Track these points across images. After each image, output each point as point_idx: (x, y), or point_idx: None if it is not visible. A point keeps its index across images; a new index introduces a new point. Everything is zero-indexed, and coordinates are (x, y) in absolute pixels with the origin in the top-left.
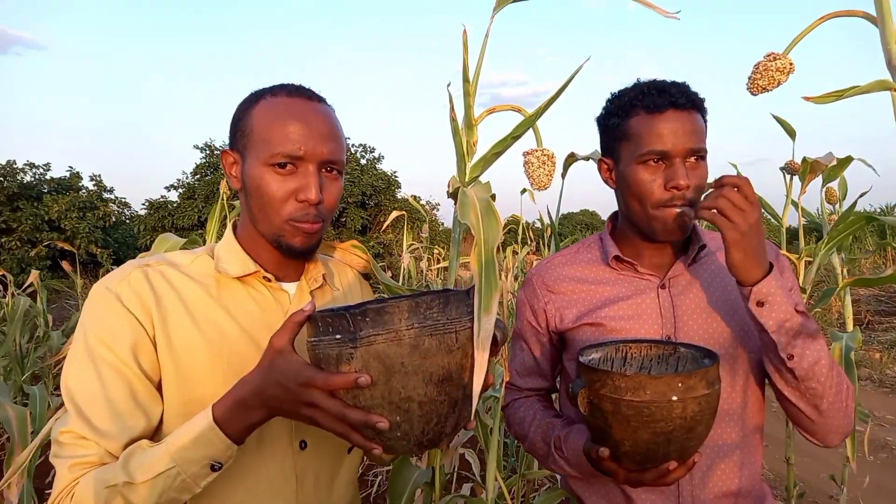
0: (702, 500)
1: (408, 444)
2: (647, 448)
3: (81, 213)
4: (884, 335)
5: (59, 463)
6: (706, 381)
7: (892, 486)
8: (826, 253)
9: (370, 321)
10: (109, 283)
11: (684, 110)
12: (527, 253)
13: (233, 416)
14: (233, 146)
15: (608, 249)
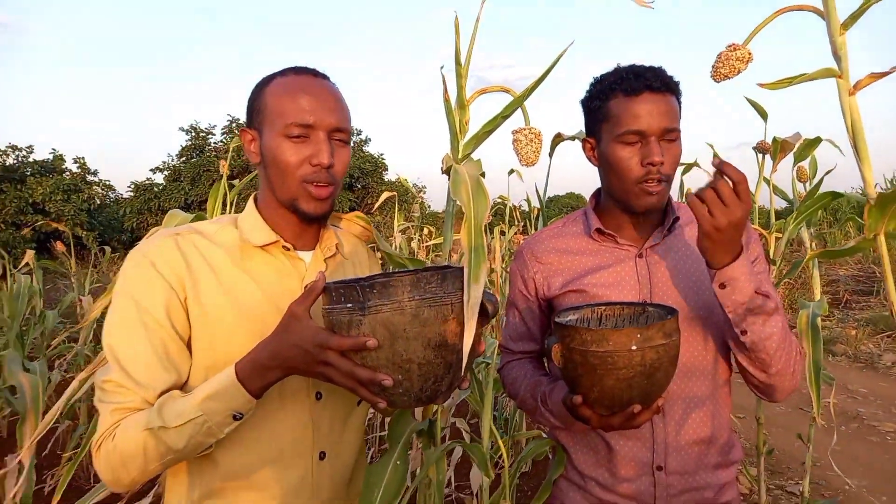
0: (675, 446)
1: (408, 399)
2: (613, 393)
3: (66, 196)
4: (860, 313)
5: (102, 407)
6: (663, 332)
7: (862, 454)
8: (795, 227)
9: (377, 293)
10: (145, 249)
11: (659, 93)
12: (514, 233)
13: (253, 374)
14: (250, 125)
15: (591, 223)
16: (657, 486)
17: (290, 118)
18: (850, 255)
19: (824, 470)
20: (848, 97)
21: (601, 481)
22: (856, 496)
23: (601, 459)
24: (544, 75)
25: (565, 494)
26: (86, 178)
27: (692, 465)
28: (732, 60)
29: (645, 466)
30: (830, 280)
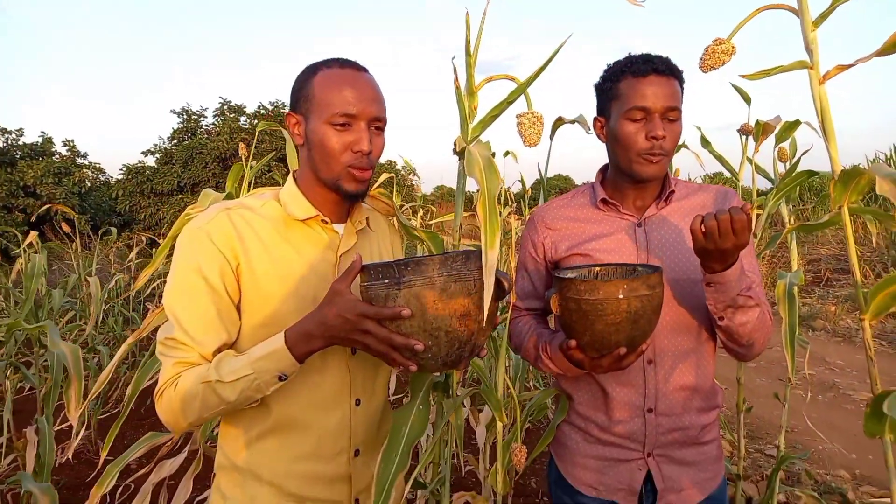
0: (664, 392)
1: (436, 363)
2: (602, 337)
3: (57, 179)
4: (840, 291)
5: (165, 360)
6: (647, 284)
7: (838, 421)
8: (775, 203)
9: (411, 270)
10: (201, 223)
11: (663, 76)
12: (508, 213)
13: (299, 341)
14: (295, 109)
15: (597, 194)
16: (647, 425)
17: (336, 108)
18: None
19: (800, 435)
20: (818, 86)
21: (599, 423)
22: (829, 455)
23: (599, 404)
24: (545, 65)
25: (567, 436)
26: (76, 161)
27: (678, 408)
28: (718, 53)
29: (637, 409)
30: (812, 259)
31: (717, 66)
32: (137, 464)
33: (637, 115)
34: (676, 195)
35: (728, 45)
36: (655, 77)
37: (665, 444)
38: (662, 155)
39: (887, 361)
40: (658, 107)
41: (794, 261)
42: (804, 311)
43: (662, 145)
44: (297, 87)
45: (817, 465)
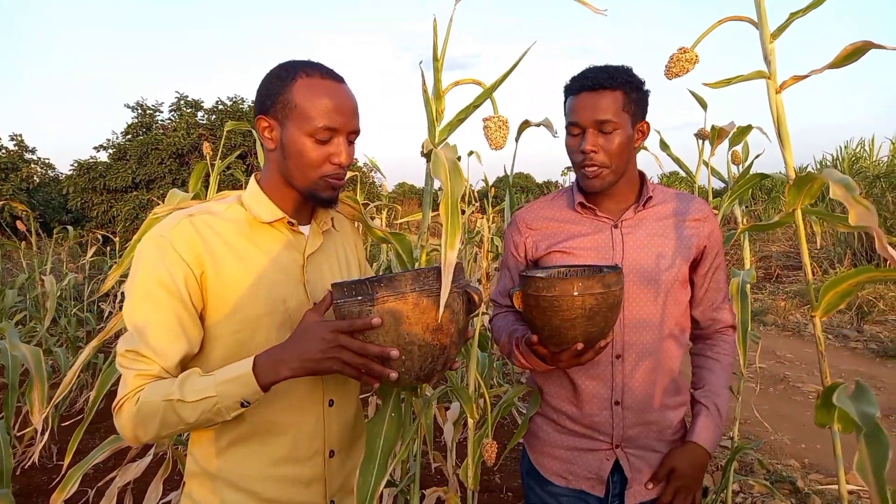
0: (630, 386)
1: (409, 377)
2: (560, 332)
3: (3, 175)
4: (789, 286)
5: (125, 372)
6: (602, 283)
7: (787, 412)
8: (729, 204)
9: (384, 286)
10: (163, 231)
11: (595, 91)
12: (472, 212)
13: (268, 369)
14: (268, 113)
15: (575, 197)
16: (614, 417)
17: (320, 123)
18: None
19: (753, 426)
20: (775, 94)
21: (569, 414)
22: (780, 445)
23: (569, 396)
24: (509, 71)
25: (539, 427)
26: (23, 156)
27: (644, 402)
28: (682, 61)
29: (605, 401)
30: (763, 256)
31: (681, 74)
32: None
33: (574, 131)
34: (654, 200)
35: (692, 53)
36: (586, 94)
37: (633, 436)
38: (599, 167)
39: (834, 354)
40: (587, 121)
41: (747, 259)
42: (756, 307)
43: (595, 158)
44: (273, 89)
45: (769, 454)
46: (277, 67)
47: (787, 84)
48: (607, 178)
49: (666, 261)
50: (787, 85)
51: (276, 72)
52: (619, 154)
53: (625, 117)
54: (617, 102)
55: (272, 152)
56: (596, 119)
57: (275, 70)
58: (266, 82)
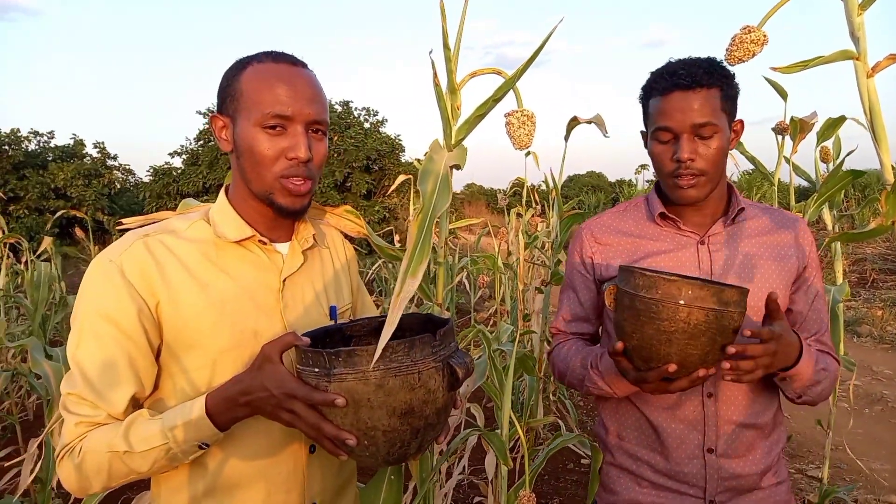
0: (725, 430)
1: (375, 461)
2: (651, 343)
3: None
4: (887, 293)
5: (67, 417)
6: (718, 298)
7: (886, 437)
8: (816, 208)
9: (342, 361)
10: (112, 255)
11: (689, 89)
12: (531, 215)
13: (222, 410)
14: (222, 110)
15: (654, 207)
16: (708, 468)
17: (267, 108)
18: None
19: (846, 453)
20: (866, 79)
21: (652, 464)
22: (876, 480)
23: (650, 441)
24: (533, 57)
25: (615, 480)
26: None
27: (743, 448)
28: (747, 43)
29: (696, 448)
30: (857, 259)
31: (745, 59)
32: None
33: (664, 137)
34: (745, 214)
35: (758, 33)
36: (679, 93)
37: (729, 489)
38: (696, 176)
39: None
40: (683, 126)
41: (839, 273)
42: (848, 316)
43: (693, 166)
44: (224, 84)
45: (864, 488)
46: (234, 62)
47: (881, 66)
48: (705, 187)
49: (762, 284)
50: (882, 66)
51: (231, 66)
52: (719, 161)
53: (723, 118)
54: (715, 102)
55: (231, 155)
56: (694, 123)
57: (231, 65)
58: (221, 79)
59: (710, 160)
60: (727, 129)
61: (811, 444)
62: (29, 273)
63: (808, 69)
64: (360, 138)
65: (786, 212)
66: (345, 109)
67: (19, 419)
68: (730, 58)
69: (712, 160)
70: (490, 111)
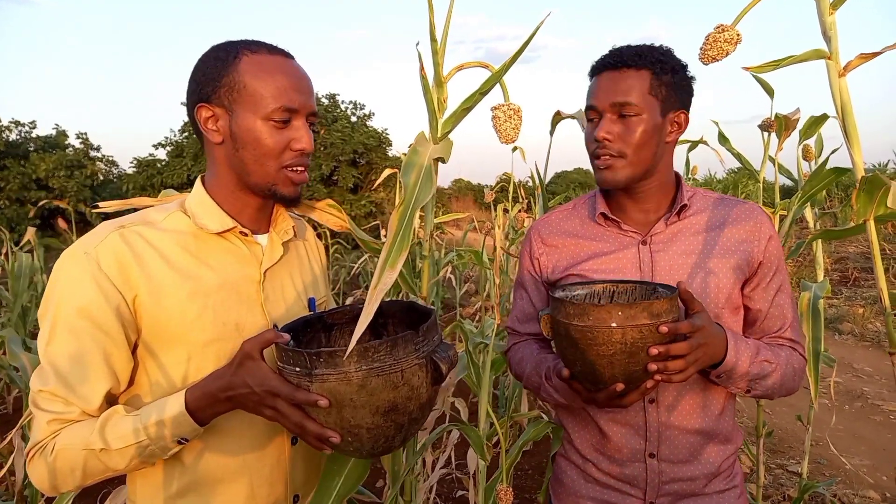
0: (667, 435)
1: (360, 454)
2: (594, 369)
3: (69, 172)
4: (868, 291)
5: (38, 415)
6: (648, 312)
7: (866, 433)
8: (799, 207)
9: (323, 362)
10: (87, 247)
11: (617, 69)
12: (518, 211)
13: (202, 405)
14: (210, 100)
15: (597, 207)
16: (649, 471)
17: (277, 102)
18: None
19: (825, 450)
20: (838, 79)
21: (597, 463)
22: (856, 475)
23: (597, 443)
24: (520, 51)
25: (564, 472)
26: (88, 154)
27: (685, 454)
28: (720, 42)
29: (637, 453)
30: (840, 257)
31: (719, 58)
32: None
33: (590, 116)
34: (691, 210)
35: (732, 32)
36: (607, 73)
37: (670, 493)
38: (613, 157)
39: None
40: (605, 104)
41: (820, 270)
42: (830, 313)
43: (611, 147)
44: (213, 73)
45: (843, 483)
46: (213, 49)
47: (852, 65)
48: (622, 171)
49: (708, 284)
50: (853, 66)
51: (214, 53)
52: (641, 145)
53: (651, 102)
54: (642, 83)
55: (219, 146)
56: (614, 101)
57: (211, 52)
58: (202, 67)
59: (630, 143)
60: (657, 114)
61: (792, 439)
62: (10, 264)
63: (779, 68)
64: (347, 132)
65: (746, 203)
66: (332, 103)
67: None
68: (703, 57)
69: (632, 143)
70: (477, 104)
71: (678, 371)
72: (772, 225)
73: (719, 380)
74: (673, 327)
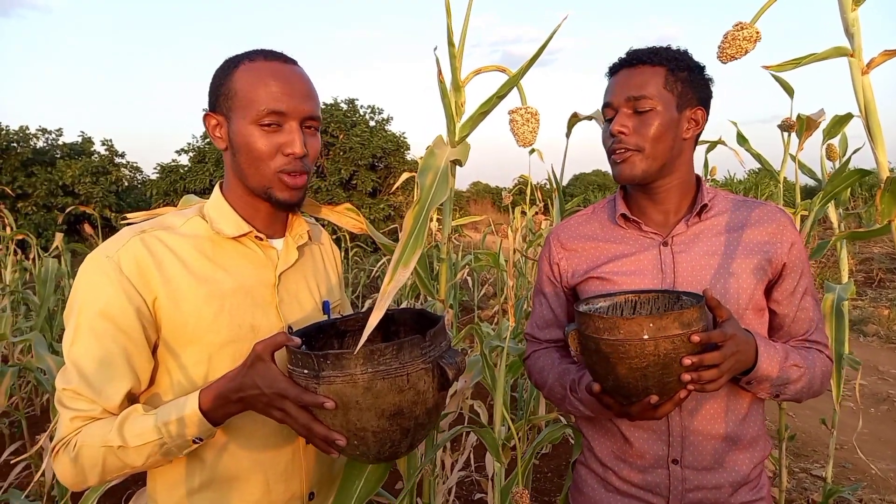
0: (691, 441)
1: (367, 459)
2: (627, 382)
3: (95, 178)
4: (894, 292)
5: (62, 412)
6: (679, 322)
7: (891, 437)
8: (821, 207)
9: (330, 364)
10: (109, 251)
11: (633, 66)
12: (535, 213)
13: (216, 406)
14: (215, 109)
15: (617, 208)
16: (672, 479)
17: (263, 106)
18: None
19: (851, 453)
20: (861, 76)
21: (618, 471)
22: (882, 480)
23: (618, 450)
24: (538, 54)
25: (584, 481)
26: (113, 161)
27: (709, 461)
28: (739, 40)
29: (660, 459)
30: (864, 258)
31: (738, 56)
32: None
33: (607, 114)
34: (712, 210)
35: (751, 30)
36: (624, 70)
37: (693, 501)
38: (628, 151)
39: None
40: (620, 99)
41: (844, 271)
42: (854, 315)
43: (626, 141)
44: (216, 83)
45: (869, 488)
46: (224, 60)
47: (875, 62)
48: (639, 164)
49: (731, 285)
50: (876, 63)
51: (222, 64)
52: (657, 138)
53: (667, 97)
54: (657, 80)
55: (225, 153)
56: (629, 95)
57: (222, 63)
58: (213, 78)
59: (646, 136)
60: (673, 109)
61: (816, 443)
62: (37, 269)
63: (800, 67)
64: (366, 136)
65: (767, 204)
66: (350, 108)
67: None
68: (722, 55)
69: (648, 136)
70: (494, 108)
71: (711, 380)
72: (794, 228)
73: (749, 386)
74: (705, 336)
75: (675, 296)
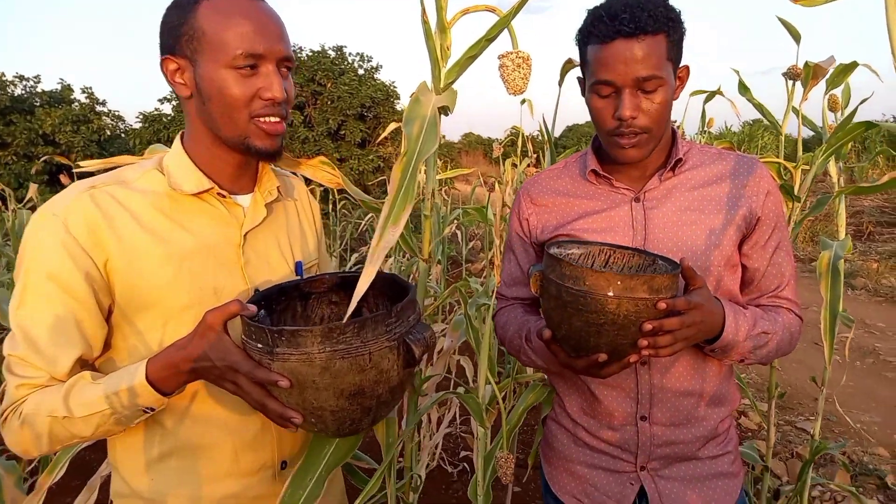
0: (659, 398)
1: (326, 434)
2: (580, 335)
3: (76, 127)
4: (883, 245)
5: (9, 378)
6: (649, 286)
7: (876, 390)
8: (823, 161)
9: (285, 341)
10: (55, 208)
11: (633, 38)
12: (527, 165)
13: (164, 375)
14: (174, 52)
15: (587, 164)
16: (640, 435)
17: (238, 48)
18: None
19: (834, 406)
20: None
21: (587, 427)
22: (867, 432)
23: (587, 406)
24: None
25: (555, 436)
26: (95, 109)
27: (678, 417)
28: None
29: (628, 416)
30: (855, 211)
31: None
32: None
33: (604, 91)
34: (687, 164)
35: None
36: (622, 41)
37: (662, 456)
38: (638, 134)
39: None
40: (626, 79)
41: (842, 227)
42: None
43: (635, 124)
44: (174, 21)
45: (853, 441)
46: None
47: None
48: (647, 146)
49: (704, 241)
50: None
51: (175, 2)
52: (663, 116)
53: (669, 68)
54: (661, 50)
55: (189, 100)
56: (638, 76)
57: (173, 1)
58: (165, 17)
59: (655, 116)
60: (672, 79)
61: (801, 395)
62: (10, 222)
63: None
64: (355, 85)
65: (745, 156)
66: (338, 55)
67: None
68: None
69: (656, 116)
70: (483, 52)
71: (665, 346)
72: (772, 179)
73: (713, 353)
74: (671, 303)
75: (651, 258)
